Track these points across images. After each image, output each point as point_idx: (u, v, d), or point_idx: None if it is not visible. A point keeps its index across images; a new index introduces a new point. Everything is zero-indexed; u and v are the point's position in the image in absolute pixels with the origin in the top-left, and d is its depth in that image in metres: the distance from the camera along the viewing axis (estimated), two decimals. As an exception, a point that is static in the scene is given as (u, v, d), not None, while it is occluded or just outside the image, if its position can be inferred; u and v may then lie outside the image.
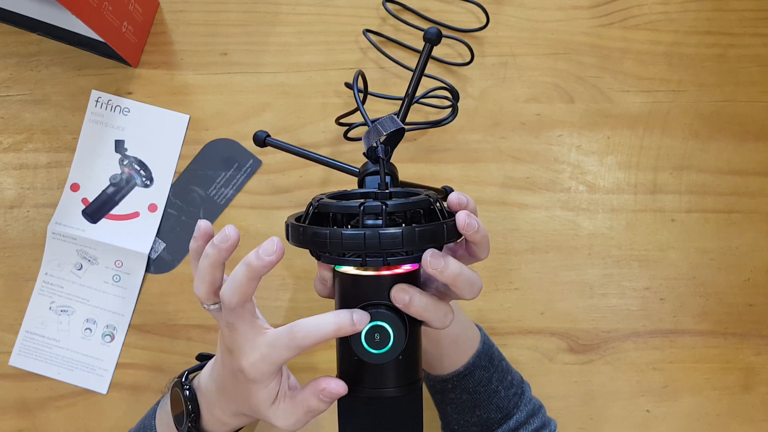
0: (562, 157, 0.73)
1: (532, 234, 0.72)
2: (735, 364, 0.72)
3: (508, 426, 0.60)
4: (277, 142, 0.62)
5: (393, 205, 0.46)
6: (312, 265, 0.71)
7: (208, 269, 0.48)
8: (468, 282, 0.47)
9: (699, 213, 0.73)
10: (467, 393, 0.59)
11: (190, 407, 0.53)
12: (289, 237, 0.49)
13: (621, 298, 0.72)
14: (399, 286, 0.46)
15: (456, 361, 0.59)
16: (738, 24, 0.74)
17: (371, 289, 0.47)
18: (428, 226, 0.45)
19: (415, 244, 0.45)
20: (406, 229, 0.44)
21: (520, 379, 0.63)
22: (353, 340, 0.46)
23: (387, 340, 0.46)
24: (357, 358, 0.47)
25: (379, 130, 0.48)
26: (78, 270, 0.71)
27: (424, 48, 0.54)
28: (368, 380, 0.47)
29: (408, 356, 0.48)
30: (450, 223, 0.46)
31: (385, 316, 0.46)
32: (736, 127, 0.74)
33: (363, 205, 0.46)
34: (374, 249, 0.44)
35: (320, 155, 0.62)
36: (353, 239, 0.44)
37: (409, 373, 0.48)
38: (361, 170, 0.54)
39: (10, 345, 0.70)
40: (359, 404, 0.48)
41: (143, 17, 0.70)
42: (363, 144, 0.50)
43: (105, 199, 0.71)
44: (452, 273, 0.46)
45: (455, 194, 0.48)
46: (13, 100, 0.72)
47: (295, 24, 0.73)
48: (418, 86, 0.56)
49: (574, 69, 0.73)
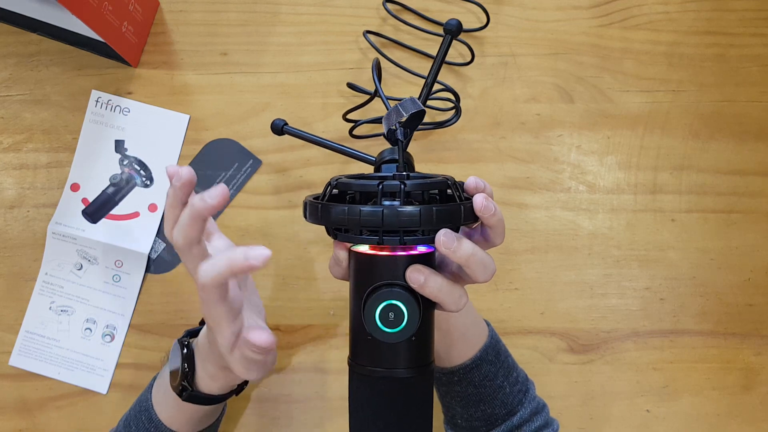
0: (562, 157, 0.73)
1: (532, 234, 0.72)
2: (735, 364, 0.72)
3: (512, 422, 0.60)
4: (294, 130, 0.63)
5: (412, 185, 0.47)
6: (312, 266, 0.71)
7: (168, 210, 0.51)
8: (481, 263, 0.47)
9: (699, 213, 0.73)
10: (473, 387, 0.59)
11: (186, 365, 0.56)
12: (306, 215, 0.49)
13: (621, 298, 0.72)
14: (414, 267, 0.47)
15: (464, 353, 0.59)
16: (738, 24, 0.74)
17: (386, 270, 0.47)
18: (446, 206, 0.46)
19: (432, 223, 0.45)
20: (424, 207, 0.45)
21: (525, 377, 0.63)
22: (367, 318, 0.46)
23: (401, 319, 0.46)
24: (370, 337, 0.47)
25: (399, 111, 0.49)
26: (78, 270, 0.71)
27: (444, 39, 0.55)
28: (380, 360, 0.47)
29: (421, 338, 0.48)
30: (467, 204, 0.47)
31: (400, 294, 0.46)
32: (736, 127, 0.74)
33: (382, 183, 0.47)
34: (392, 226, 0.45)
35: (337, 144, 0.62)
36: (372, 216, 0.45)
37: (422, 355, 0.48)
38: (377, 159, 0.55)
39: (10, 345, 0.70)
40: (370, 385, 0.48)
41: (143, 17, 0.70)
42: (383, 126, 0.51)
43: (105, 199, 0.71)
44: (465, 253, 0.46)
45: (473, 178, 0.50)
46: (13, 100, 0.72)
47: (295, 24, 0.73)
48: (437, 76, 0.57)
49: (574, 69, 0.73)
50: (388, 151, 0.53)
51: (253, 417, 0.71)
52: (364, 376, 0.48)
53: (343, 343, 0.70)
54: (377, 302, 0.46)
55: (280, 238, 0.71)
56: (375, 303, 0.46)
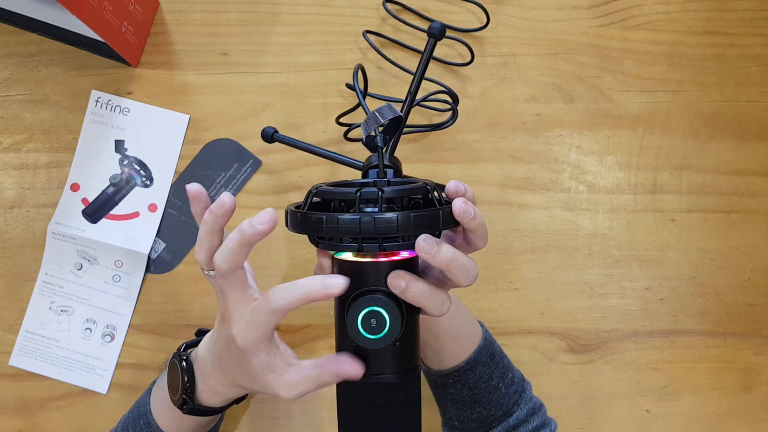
0: (562, 157, 0.73)
1: (532, 234, 0.72)
2: (735, 364, 0.72)
3: (508, 423, 0.60)
4: (284, 137, 0.63)
5: (390, 191, 0.47)
6: (312, 266, 0.71)
7: (206, 235, 0.49)
8: (462, 268, 0.47)
9: (699, 213, 0.73)
10: (468, 388, 0.59)
11: (186, 379, 0.55)
12: (288, 224, 0.49)
13: (621, 298, 0.72)
14: (396, 273, 0.46)
15: (457, 355, 0.59)
16: (738, 24, 0.74)
17: (369, 276, 0.47)
18: (424, 211, 0.46)
19: (411, 229, 0.45)
20: (401, 213, 0.45)
21: (521, 378, 0.63)
22: (350, 324, 0.46)
23: (383, 325, 0.46)
24: (354, 343, 0.47)
25: (377, 117, 0.49)
26: (78, 270, 0.71)
27: (428, 43, 0.55)
28: (365, 366, 0.47)
29: (405, 343, 0.48)
30: (446, 209, 0.47)
31: (381, 301, 0.46)
32: (736, 127, 0.74)
33: (360, 191, 0.47)
34: (369, 233, 0.45)
35: (326, 150, 0.62)
36: (349, 224, 0.45)
37: (407, 360, 0.48)
38: (364, 164, 0.55)
39: (10, 345, 0.71)
40: (357, 390, 0.48)
41: (143, 17, 0.70)
42: (362, 132, 0.50)
43: (105, 199, 0.71)
44: (446, 258, 0.46)
45: (453, 182, 0.49)
46: (13, 100, 0.72)
47: (295, 24, 0.73)
48: (421, 82, 0.56)
49: (574, 69, 0.73)
50: (375, 156, 0.53)
51: (253, 417, 0.71)
52: (350, 382, 0.48)
53: (343, 343, 0.70)
54: (359, 309, 0.46)
55: (280, 238, 0.71)
56: (357, 310, 0.46)
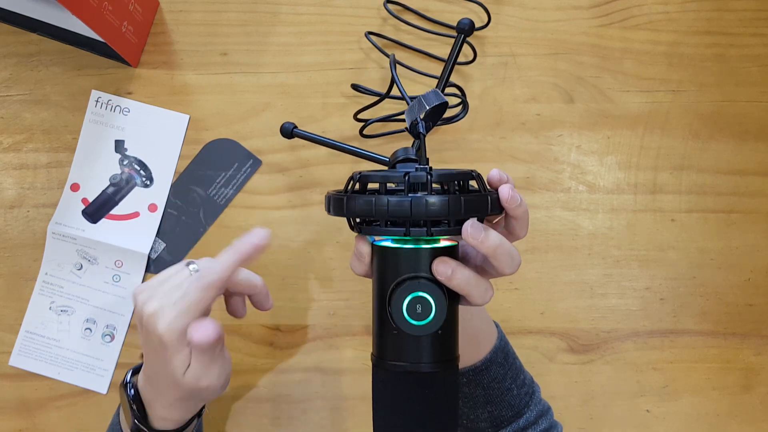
0: (562, 157, 0.73)
1: (532, 234, 0.72)
2: (735, 364, 0.72)
3: (518, 425, 0.60)
4: (305, 133, 0.62)
5: (437, 176, 0.47)
6: (312, 266, 0.71)
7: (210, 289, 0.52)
8: (508, 254, 0.47)
9: (699, 213, 0.73)
10: (481, 388, 0.59)
11: (135, 407, 0.54)
12: (330, 208, 0.49)
13: (621, 298, 0.72)
14: (441, 259, 0.46)
15: (474, 355, 0.59)
16: (738, 24, 0.74)
17: (412, 263, 0.47)
18: (473, 195, 0.46)
19: (461, 213, 0.45)
20: (452, 197, 0.45)
21: (531, 380, 0.63)
22: (394, 310, 0.46)
23: (428, 311, 0.46)
24: (396, 330, 0.46)
25: (422, 103, 0.49)
26: (78, 270, 0.71)
27: (457, 38, 0.56)
28: (405, 354, 0.47)
29: (446, 331, 0.47)
30: (494, 195, 0.47)
31: (428, 286, 0.46)
32: (736, 127, 0.74)
33: (408, 174, 0.46)
34: (420, 216, 0.45)
35: (349, 145, 0.62)
36: (399, 206, 0.45)
37: (447, 350, 0.48)
38: (391, 159, 0.54)
39: (10, 345, 0.70)
40: (395, 379, 0.48)
41: (143, 17, 0.70)
42: (406, 119, 0.51)
43: (105, 199, 0.71)
44: (493, 243, 0.46)
45: (496, 171, 0.49)
46: (13, 100, 0.72)
47: (295, 24, 0.73)
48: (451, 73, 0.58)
49: (574, 69, 0.73)
50: (401, 150, 0.52)
51: (253, 417, 0.71)
52: (389, 371, 0.47)
53: (343, 343, 0.70)
54: (404, 294, 0.46)
55: (280, 238, 0.71)
56: (402, 295, 0.46)
